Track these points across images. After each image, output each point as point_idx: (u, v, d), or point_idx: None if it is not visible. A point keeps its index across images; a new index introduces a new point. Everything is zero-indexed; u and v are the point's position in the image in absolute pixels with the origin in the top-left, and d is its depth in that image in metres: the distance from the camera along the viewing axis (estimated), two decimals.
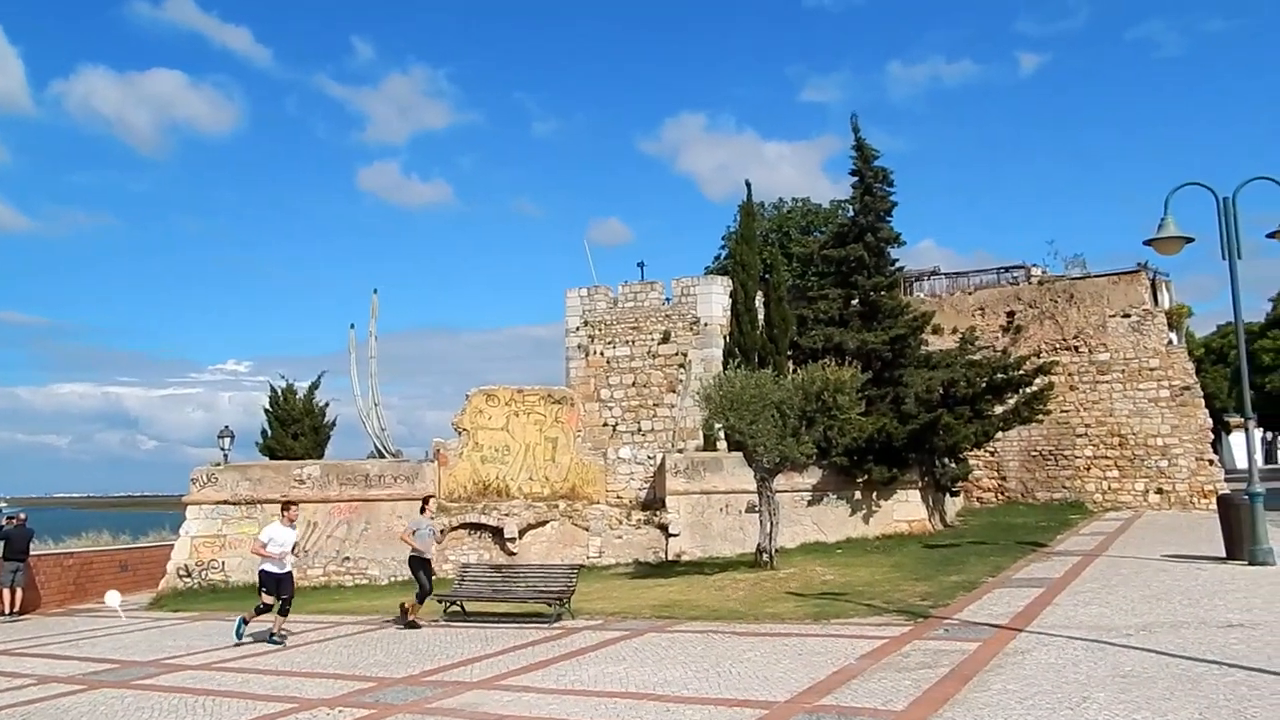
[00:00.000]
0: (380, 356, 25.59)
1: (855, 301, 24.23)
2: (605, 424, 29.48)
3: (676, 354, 29.41)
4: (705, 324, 29.17)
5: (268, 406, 27.93)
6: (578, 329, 30.76)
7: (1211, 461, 27.73)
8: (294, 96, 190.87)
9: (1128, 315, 28.66)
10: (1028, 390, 23.22)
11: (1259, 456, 16.83)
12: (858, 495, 22.19)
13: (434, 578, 15.00)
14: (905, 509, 22.29)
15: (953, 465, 23.87)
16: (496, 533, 22.03)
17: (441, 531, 22.06)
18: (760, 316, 25.74)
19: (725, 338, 26.83)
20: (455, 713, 8.34)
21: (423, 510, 15.89)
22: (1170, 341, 28.70)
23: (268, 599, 13.30)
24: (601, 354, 30.26)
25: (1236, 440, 53.19)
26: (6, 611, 19.22)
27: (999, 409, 23.20)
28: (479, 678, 9.84)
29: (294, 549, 13.96)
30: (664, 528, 21.84)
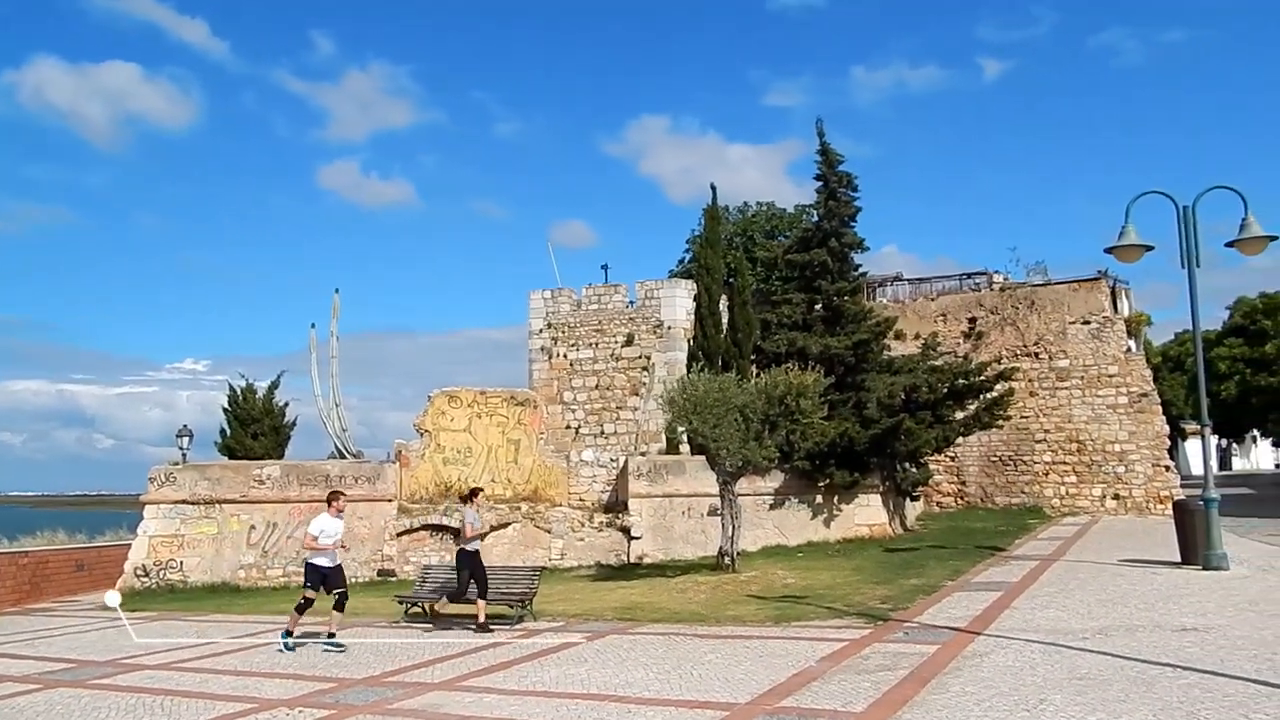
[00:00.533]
0: (341, 357, 25.35)
1: (819, 306, 24.40)
2: (568, 426, 29.41)
3: (640, 357, 29.41)
4: (669, 327, 29.20)
5: (227, 406, 27.57)
6: (541, 331, 30.66)
7: (1168, 468, 28.25)
8: (253, 91, 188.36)
9: (1088, 322, 29.12)
10: (988, 396, 23.52)
11: (1214, 463, 17.15)
12: (819, 499, 22.32)
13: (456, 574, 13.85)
14: (866, 513, 22.47)
15: (913, 470, 24.10)
16: (458, 534, 21.83)
17: (403, 534, 21.87)
18: (724, 320, 25.82)
19: (689, 341, 26.88)
20: (416, 713, 8.25)
21: (470, 501, 14.57)
22: (1129, 349, 29.19)
23: (310, 594, 12.49)
24: (565, 356, 30.19)
25: (1192, 447, 54.25)
26: None
27: (960, 414, 23.46)
28: (440, 679, 9.75)
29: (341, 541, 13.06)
30: (626, 530, 21.81)
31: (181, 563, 21.32)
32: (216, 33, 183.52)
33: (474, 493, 14.78)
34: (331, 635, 12.21)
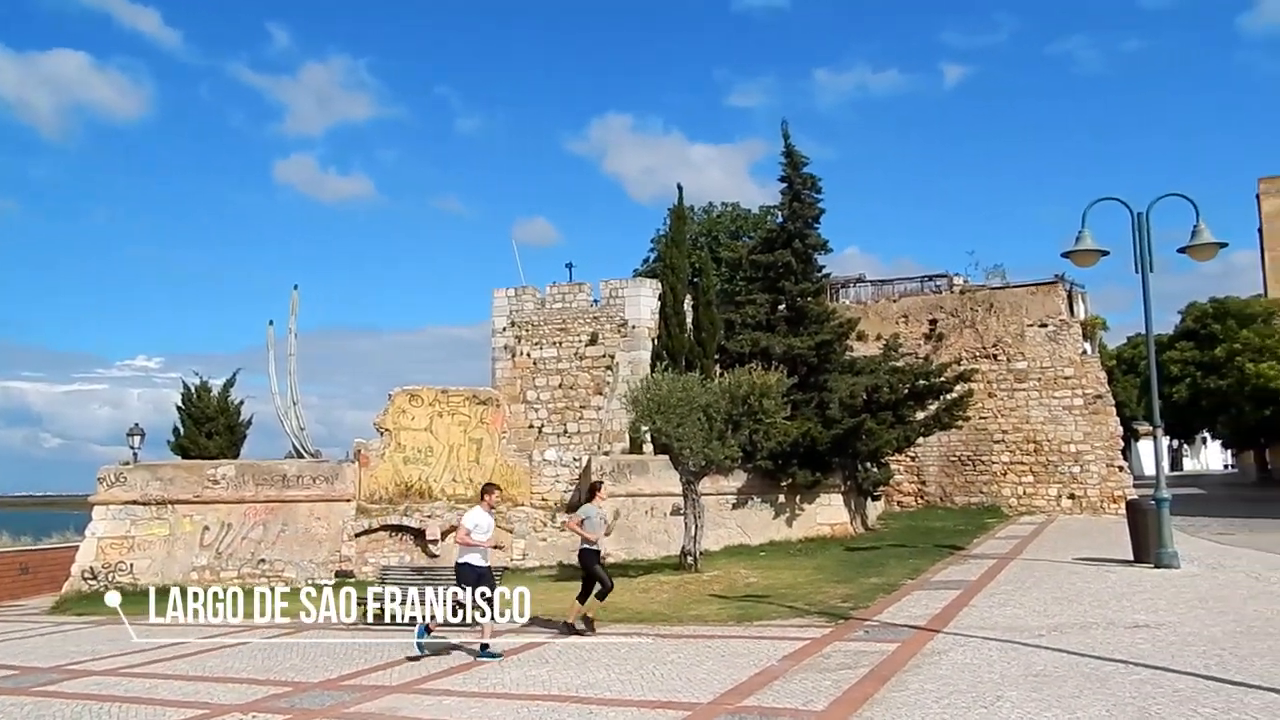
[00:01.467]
0: (300, 354, 24.98)
1: (782, 307, 24.52)
2: (531, 425, 29.27)
3: (604, 356, 29.35)
4: (633, 326, 29.17)
5: (180, 404, 27.15)
6: (505, 329, 30.49)
7: (1121, 468, 28.77)
8: (207, 83, 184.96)
9: (1045, 325, 29.56)
10: (948, 397, 23.77)
11: (1165, 463, 17.46)
12: (781, 499, 22.40)
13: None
14: (828, 512, 22.59)
15: (874, 470, 24.27)
16: (418, 535, 21.66)
17: (362, 535, 21.63)
18: (688, 320, 25.84)
19: (653, 340, 26.87)
20: (374, 717, 8.14)
21: (592, 496, 13.57)
22: (1084, 351, 29.68)
23: (461, 597, 11.26)
24: (528, 355, 30.04)
25: (1145, 447, 55.30)
26: None
27: (920, 415, 23.68)
28: (399, 681, 9.63)
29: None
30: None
31: (131, 565, 20.85)
32: (169, 22, 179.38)
33: (596, 487, 13.83)
34: (486, 647, 10.99)
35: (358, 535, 21.56)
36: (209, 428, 26.61)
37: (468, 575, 11.21)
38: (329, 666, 10.72)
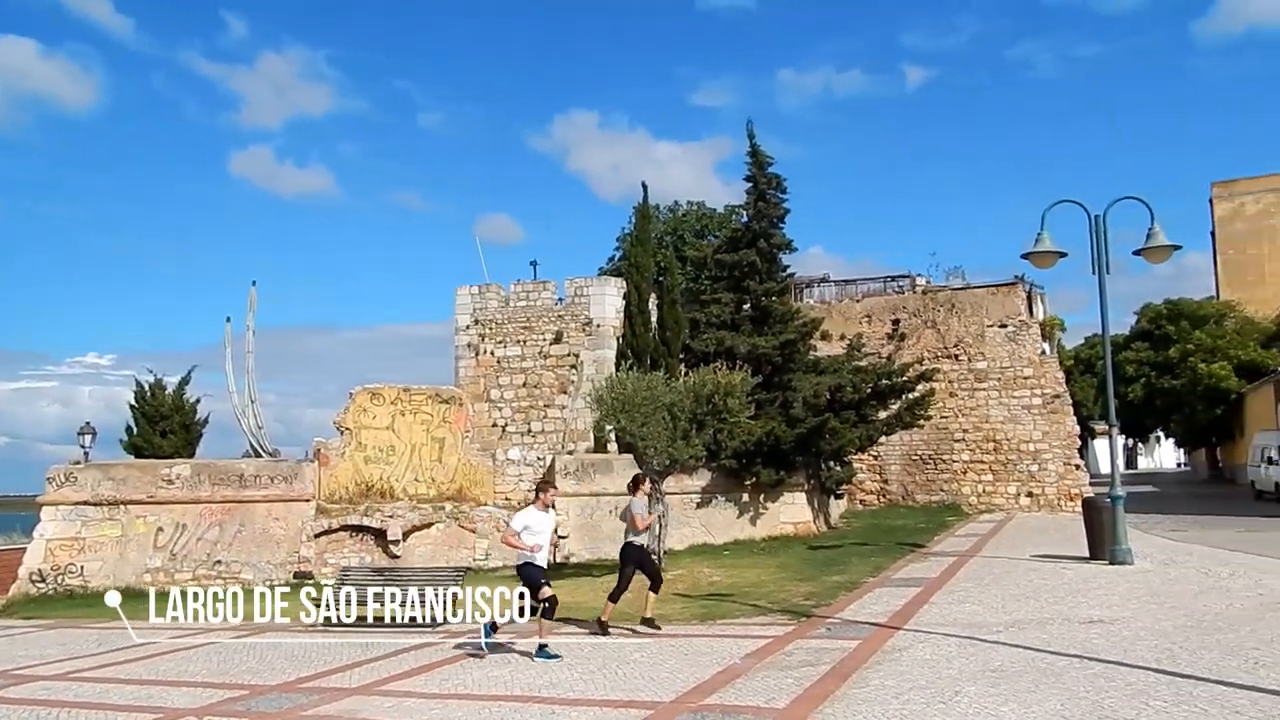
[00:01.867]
0: (258, 352, 24.63)
1: (747, 306, 24.58)
2: (495, 424, 29.14)
3: (568, 355, 29.30)
4: (598, 325, 29.14)
5: (133, 402, 26.68)
6: (468, 327, 30.32)
7: (1078, 466, 29.22)
8: (160, 73, 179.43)
9: (1005, 325, 29.95)
10: (910, 396, 23.98)
11: (1121, 462, 17.77)
12: (745, 497, 22.48)
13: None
14: (791, 511, 22.70)
15: (838, 468, 24.43)
16: (379, 535, 21.45)
17: (321, 535, 21.38)
18: (653, 319, 25.84)
19: (618, 339, 26.83)
20: None
21: (636, 489, 12.87)
22: (1043, 351, 30.11)
23: (548, 591, 10.58)
24: (492, 353, 29.90)
25: (1101, 446, 56.26)
26: None
27: (883, 414, 23.86)
28: (359, 683, 9.52)
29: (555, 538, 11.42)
30: (553, 529, 21.63)
31: (82, 567, 20.43)
32: (121, 9, 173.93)
33: (639, 480, 13.28)
34: (544, 647, 10.47)
35: (317, 536, 21.31)
36: (163, 426, 26.16)
37: (532, 575, 10.71)
38: (286, 669, 10.57)
